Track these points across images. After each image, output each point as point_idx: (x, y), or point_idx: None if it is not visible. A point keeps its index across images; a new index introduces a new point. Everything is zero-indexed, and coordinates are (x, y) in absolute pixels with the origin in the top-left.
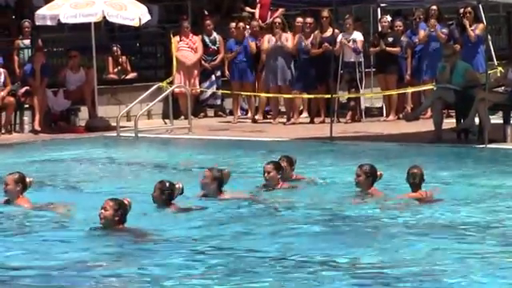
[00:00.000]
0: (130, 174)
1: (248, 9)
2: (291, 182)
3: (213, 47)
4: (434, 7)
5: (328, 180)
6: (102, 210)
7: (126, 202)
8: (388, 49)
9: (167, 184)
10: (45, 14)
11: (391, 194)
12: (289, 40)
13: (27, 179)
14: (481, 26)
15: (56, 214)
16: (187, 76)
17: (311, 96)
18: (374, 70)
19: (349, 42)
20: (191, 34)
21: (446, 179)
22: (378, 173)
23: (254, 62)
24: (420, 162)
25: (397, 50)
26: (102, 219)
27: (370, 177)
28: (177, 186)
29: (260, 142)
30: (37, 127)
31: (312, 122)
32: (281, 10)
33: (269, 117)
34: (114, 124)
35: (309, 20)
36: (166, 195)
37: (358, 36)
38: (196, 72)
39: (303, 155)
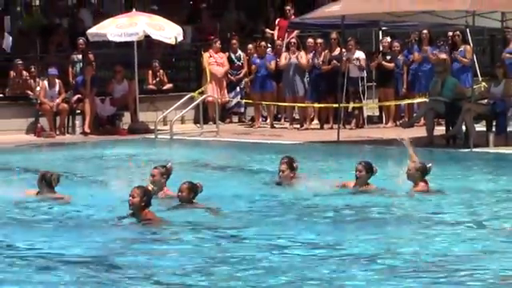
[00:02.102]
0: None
1: (268, 30)
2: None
3: (238, 63)
4: (425, 31)
5: (334, 177)
6: (131, 197)
7: (150, 189)
8: (384, 63)
9: (193, 184)
10: (95, 33)
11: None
12: (303, 58)
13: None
14: (468, 47)
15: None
16: (218, 87)
17: (322, 105)
18: (374, 84)
19: (353, 60)
20: (219, 51)
21: (436, 178)
22: (374, 169)
23: (274, 75)
24: None
25: (391, 65)
26: (131, 205)
27: (368, 172)
28: (198, 184)
29: (277, 145)
30: (86, 130)
31: (322, 128)
32: (296, 32)
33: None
34: (152, 127)
35: (319, 41)
36: (193, 195)
37: (360, 55)
38: (225, 83)
39: (314, 156)
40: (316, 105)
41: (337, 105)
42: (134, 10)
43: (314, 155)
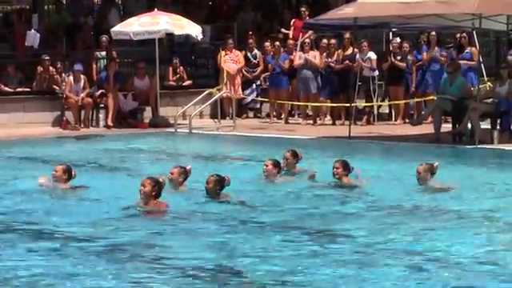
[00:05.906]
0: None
1: (283, 30)
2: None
3: (254, 61)
4: (434, 33)
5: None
6: (142, 187)
7: (161, 180)
8: (396, 62)
9: (220, 177)
10: (119, 31)
11: (399, 184)
12: (316, 57)
13: (73, 172)
14: (474, 49)
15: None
16: (232, 83)
17: (334, 105)
18: (385, 82)
19: (365, 61)
20: (234, 49)
21: (443, 173)
22: (351, 167)
23: (288, 73)
24: (422, 159)
25: (403, 64)
26: (142, 194)
27: (345, 169)
28: (225, 177)
29: (291, 139)
30: (109, 123)
31: (334, 124)
32: (310, 32)
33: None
34: (172, 122)
35: (333, 41)
36: (220, 187)
37: (372, 55)
38: (239, 80)
39: (326, 151)
40: (328, 104)
41: (349, 103)
42: (155, 9)
43: (326, 150)
